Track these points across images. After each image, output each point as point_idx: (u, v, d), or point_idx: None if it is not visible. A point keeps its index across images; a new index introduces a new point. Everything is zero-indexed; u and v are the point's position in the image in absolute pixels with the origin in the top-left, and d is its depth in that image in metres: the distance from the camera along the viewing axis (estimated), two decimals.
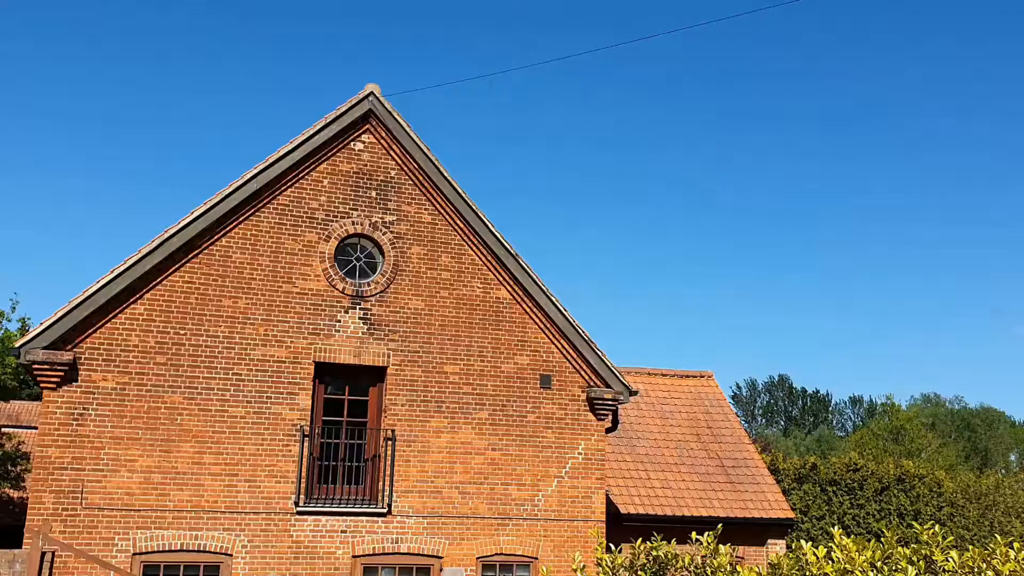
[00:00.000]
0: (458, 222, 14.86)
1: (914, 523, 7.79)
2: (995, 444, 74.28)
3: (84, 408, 12.56)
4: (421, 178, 14.76)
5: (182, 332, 13.17)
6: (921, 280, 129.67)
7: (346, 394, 14.17)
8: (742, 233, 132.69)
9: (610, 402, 15.18)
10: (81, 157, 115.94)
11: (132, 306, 13.00)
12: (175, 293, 13.24)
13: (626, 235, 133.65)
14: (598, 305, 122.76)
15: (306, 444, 13.42)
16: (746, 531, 18.90)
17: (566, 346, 15.13)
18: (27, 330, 22.46)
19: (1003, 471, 61.51)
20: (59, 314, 12.45)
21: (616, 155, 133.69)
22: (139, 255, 12.94)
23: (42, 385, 12.51)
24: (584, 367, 15.16)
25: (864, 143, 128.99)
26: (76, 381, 12.58)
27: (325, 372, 13.97)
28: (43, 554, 11.69)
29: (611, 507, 17.58)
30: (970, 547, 6.78)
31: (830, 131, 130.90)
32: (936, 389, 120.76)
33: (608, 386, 15.17)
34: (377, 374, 14.21)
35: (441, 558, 13.82)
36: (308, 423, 13.51)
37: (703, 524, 14.34)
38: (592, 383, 15.16)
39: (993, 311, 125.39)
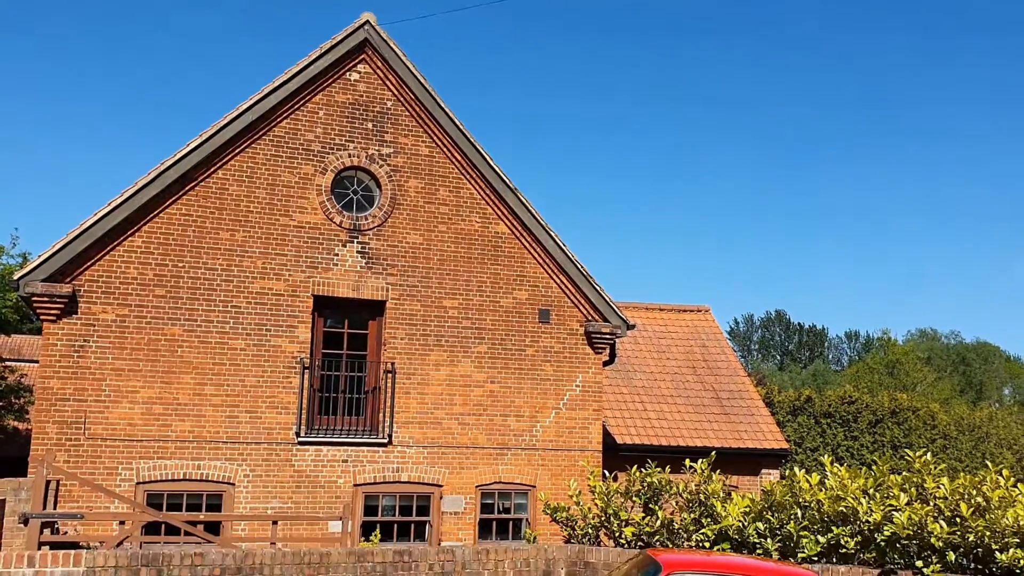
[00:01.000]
0: (456, 155, 14.71)
1: (908, 452, 7.87)
2: (989, 378, 75.01)
3: (84, 340, 12.61)
4: (418, 109, 14.56)
5: (180, 264, 13.15)
6: (919, 216, 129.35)
7: (345, 327, 14.23)
8: (739, 172, 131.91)
9: (608, 336, 15.25)
10: (80, 95, 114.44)
11: (130, 239, 12.95)
12: (172, 226, 13.18)
13: (625, 179, 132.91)
14: (596, 241, 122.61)
15: (306, 376, 13.52)
16: (740, 461, 19.19)
17: (564, 281, 15.13)
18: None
19: (997, 404, 62.21)
20: (57, 246, 12.42)
21: (614, 99, 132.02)
22: (135, 187, 12.84)
23: (42, 318, 12.54)
24: (582, 302, 15.20)
25: (859, 87, 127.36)
26: (76, 314, 12.60)
27: (324, 305, 14.00)
28: (48, 482, 11.86)
29: (608, 438, 17.81)
30: (961, 474, 6.85)
31: (823, 78, 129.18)
32: (932, 324, 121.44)
33: (606, 320, 15.23)
34: (376, 308, 14.24)
35: (441, 486, 14.06)
36: (308, 355, 13.59)
37: (698, 454, 14.54)
38: (590, 317, 15.21)
39: (991, 247, 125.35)
